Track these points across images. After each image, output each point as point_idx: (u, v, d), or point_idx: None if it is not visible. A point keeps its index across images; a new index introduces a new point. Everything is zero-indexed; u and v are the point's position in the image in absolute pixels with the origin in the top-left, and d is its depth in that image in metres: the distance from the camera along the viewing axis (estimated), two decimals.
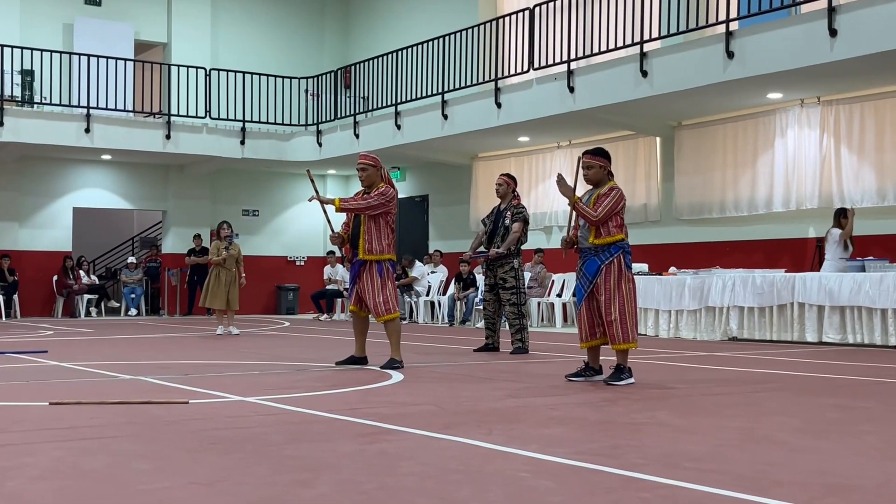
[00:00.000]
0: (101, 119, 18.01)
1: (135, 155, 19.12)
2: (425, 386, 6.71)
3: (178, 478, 3.55)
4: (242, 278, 13.29)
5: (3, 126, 17.00)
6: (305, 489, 3.34)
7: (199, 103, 19.09)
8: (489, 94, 15.54)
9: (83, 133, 17.77)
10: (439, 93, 16.48)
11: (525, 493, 3.28)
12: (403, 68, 17.58)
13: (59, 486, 3.38)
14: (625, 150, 15.94)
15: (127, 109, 18.60)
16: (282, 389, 6.38)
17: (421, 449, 4.15)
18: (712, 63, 12.21)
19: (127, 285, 20.15)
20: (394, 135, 17.53)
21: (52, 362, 8.40)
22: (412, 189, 20.78)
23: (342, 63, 20.99)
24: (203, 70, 19.32)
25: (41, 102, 18.05)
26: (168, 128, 18.61)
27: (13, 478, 3.48)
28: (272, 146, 19.85)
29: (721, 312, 12.00)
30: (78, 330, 14.37)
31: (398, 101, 17.50)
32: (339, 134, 19.19)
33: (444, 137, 16.63)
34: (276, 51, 21.66)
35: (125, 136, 18.28)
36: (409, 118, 17.27)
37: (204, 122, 19.17)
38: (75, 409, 5.36)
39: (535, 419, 5.12)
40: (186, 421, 4.94)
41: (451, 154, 18.32)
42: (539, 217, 17.34)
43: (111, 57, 18.30)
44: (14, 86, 17.87)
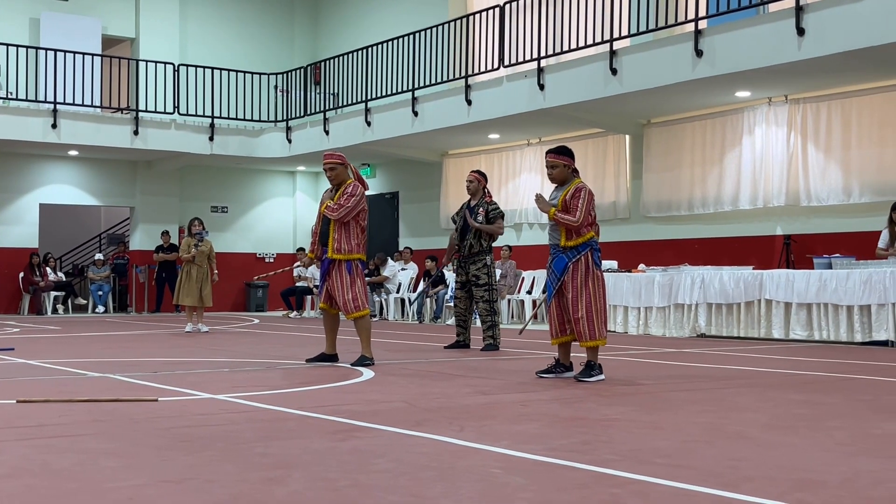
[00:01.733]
0: (68, 114, 17.84)
1: (102, 151, 18.95)
2: (396, 383, 6.70)
3: (148, 476, 3.52)
4: (215, 275, 13.22)
5: None
6: (277, 487, 3.33)
7: (168, 99, 18.96)
8: (460, 91, 15.54)
9: (50, 128, 17.59)
10: (409, 90, 16.46)
11: (497, 490, 3.29)
12: (373, 65, 17.54)
13: (27, 484, 3.35)
14: (594, 147, 16.00)
15: (94, 105, 18.43)
16: (252, 387, 6.36)
17: (393, 446, 4.15)
18: (681, 61, 12.28)
19: (94, 282, 19.98)
20: (364, 131, 17.50)
21: (19, 360, 8.32)
22: (382, 186, 20.76)
23: (312, 59, 20.92)
24: (171, 66, 19.19)
25: (7, 97, 17.84)
26: (136, 123, 18.46)
27: None
28: (241, 142, 19.75)
29: (690, 309, 12.07)
30: (45, 327, 14.24)
31: (368, 98, 17.46)
32: (309, 130, 19.13)
33: (414, 134, 16.61)
34: (245, 47, 21.54)
35: (92, 131, 18.11)
36: (379, 115, 17.23)
37: (172, 118, 19.04)
38: (43, 407, 5.31)
39: (507, 416, 5.13)
40: (156, 419, 4.91)
41: (421, 151, 18.31)
42: (509, 214, 17.35)
43: (78, 52, 18.13)
44: None
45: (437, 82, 16.19)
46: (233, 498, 3.15)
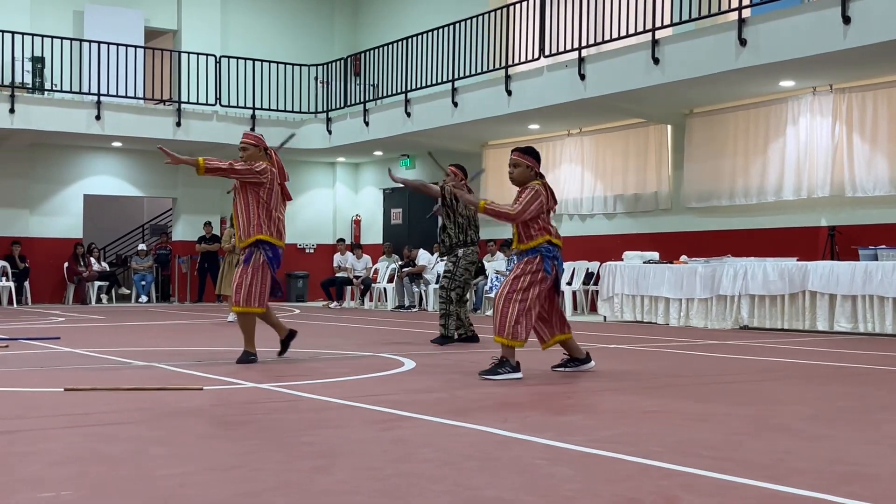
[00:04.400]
0: (112, 106, 18.02)
1: (145, 142, 19.11)
2: (438, 373, 6.72)
3: (196, 463, 3.56)
4: None
5: (14, 113, 17.01)
6: (323, 475, 3.35)
7: (209, 91, 19.09)
8: (499, 81, 15.50)
9: (94, 120, 17.79)
10: (449, 80, 16.45)
11: (542, 480, 3.28)
12: (413, 56, 17.55)
13: (78, 471, 3.39)
14: (635, 138, 15.91)
15: (137, 97, 18.60)
16: (295, 376, 6.40)
17: (436, 436, 4.16)
18: (724, 50, 12.16)
19: (137, 272, 20.19)
20: (403, 122, 17.51)
21: (65, 349, 8.43)
22: (422, 176, 20.72)
23: (352, 50, 20.96)
24: (213, 57, 19.32)
25: (52, 89, 18.06)
26: (178, 115, 18.61)
27: (33, 463, 3.50)
28: (282, 134, 19.81)
29: (732, 301, 11.98)
30: (89, 317, 14.42)
31: (408, 89, 17.47)
32: (349, 122, 19.18)
33: (453, 125, 16.59)
34: (285, 38, 21.63)
35: (135, 123, 18.29)
36: (418, 106, 17.24)
37: (214, 109, 19.17)
38: (90, 395, 5.38)
39: (550, 407, 5.12)
40: (201, 407, 4.95)
41: (460, 142, 18.29)
42: None
43: (121, 44, 18.30)
44: (25, 73, 17.88)
45: (477, 73, 16.16)
46: (280, 486, 3.18)
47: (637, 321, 13.20)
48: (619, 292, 13.48)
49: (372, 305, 18.58)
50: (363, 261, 19.35)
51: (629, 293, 13.36)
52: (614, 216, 16.34)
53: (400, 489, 3.14)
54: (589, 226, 16.79)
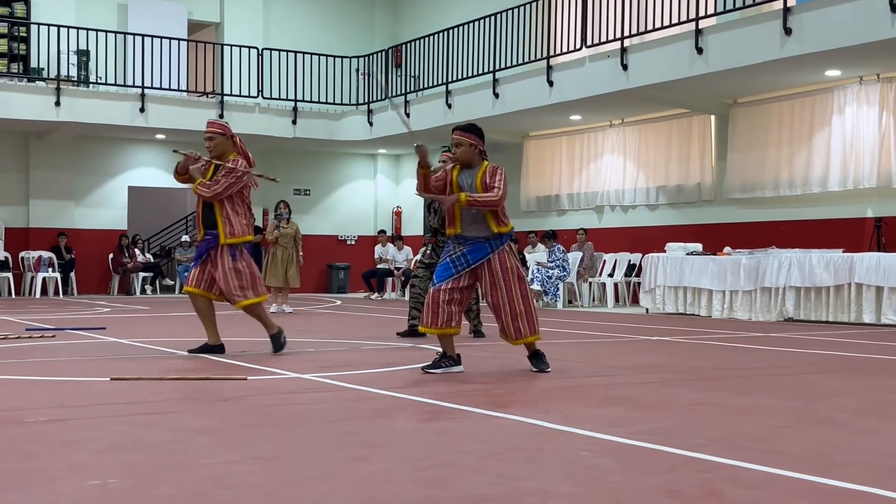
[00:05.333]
0: (156, 99, 18.19)
1: (188, 134, 19.25)
2: (479, 365, 6.71)
3: (240, 452, 3.59)
4: (300, 256, 13.43)
5: (60, 106, 17.23)
6: (365, 465, 3.36)
7: (252, 83, 19.21)
8: (541, 72, 15.44)
9: (138, 112, 17.96)
10: (491, 71, 16.42)
11: (585, 472, 3.27)
12: (454, 47, 17.53)
13: (124, 459, 3.44)
14: (678, 128, 15.78)
15: (181, 89, 18.76)
16: (337, 367, 6.43)
17: (479, 427, 4.16)
18: (769, 40, 12.02)
19: (181, 263, 20.37)
20: (444, 114, 17.50)
21: (111, 339, 8.53)
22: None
23: (393, 42, 20.98)
24: (255, 50, 19.43)
25: (97, 82, 18.26)
26: (221, 107, 18.75)
27: (80, 451, 3.55)
28: (323, 126, 19.93)
29: (777, 293, 11.86)
30: (134, 307, 14.58)
31: (449, 80, 17.45)
32: (390, 113, 19.19)
33: (494, 116, 16.55)
34: (327, 30, 21.70)
35: (179, 115, 18.45)
36: (459, 97, 17.22)
37: (256, 101, 19.28)
38: (135, 384, 5.44)
39: (591, 399, 5.10)
40: (245, 397, 4.99)
41: (501, 133, 18.23)
42: (590, 196, 17.25)
43: (165, 37, 18.46)
44: (70, 66, 18.09)
45: (519, 63, 16.11)
46: (323, 475, 3.20)
47: (679, 313, 13.11)
48: (662, 284, 13.40)
49: None
50: (404, 252, 19.38)
51: (672, 285, 13.28)
52: (656, 207, 16.23)
53: (443, 479, 3.15)
54: (631, 217, 16.69)
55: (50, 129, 18.18)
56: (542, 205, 18.26)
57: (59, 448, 3.65)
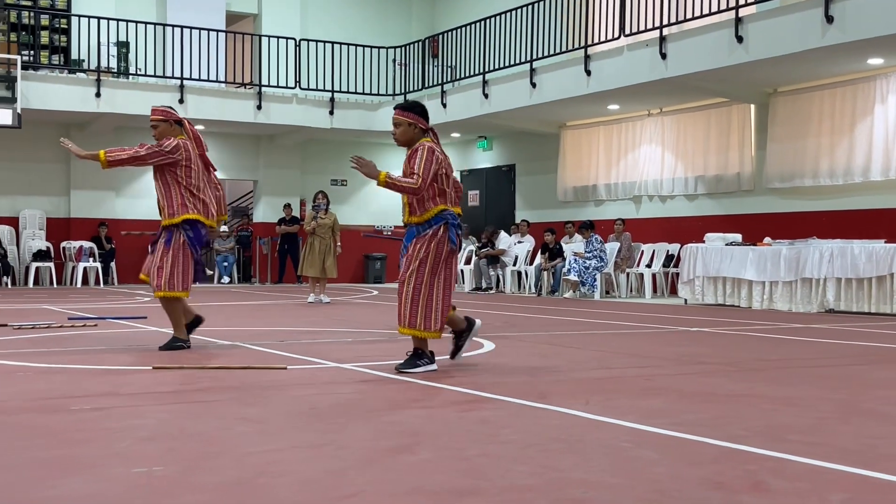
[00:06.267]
0: (194, 90, 18.32)
1: (227, 125, 19.41)
2: (517, 356, 6.71)
3: (283, 441, 3.61)
4: (338, 247, 13.48)
5: (100, 97, 17.39)
6: (408, 455, 3.37)
7: (289, 74, 19.28)
8: (579, 61, 15.36)
9: (177, 103, 18.06)
10: (528, 61, 16.36)
11: (628, 463, 3.26)
12: (491, 37, 17.48)
13: (168, 447, 3.47)
14: (717, 117, 15.65)
15: (219, 80, 18.87)
16: (376, 357, 6.45)
17: (519, 417, 4.16)
18: (810, 28, 11.88)
19: (219, 254, 20.53)
20: (481, 104, 17.48)
21: (152, 328, 8.62)
22: (499, 158, 20.72)
23: (430, 32, 20.97)
24: (293, 41, 19.49)
25: (136, 73, 18.42)
26: (259, 98, 18.84)
27: (123, 439, 3.59)
28: (360, 116, 19.97)
29: (818, 284, 11.74)
30: None
31: (486, 70, 17.42)
32: (427, 103, 19.16)
33: (531, 106, 16.51)
34: (364, 21, 21.72)
35: (217, 106, 18.57)
36: (496, 87, 17.18)
37: (294, 92, 19.35)
38: (177, 373, 5.49)
39: (632, 390, 5.08)
40: (285, 386, 5.02)
41: (538, 123, 18.20)
42: (628, 186, 17.15)
43: (203, 28, 18.57)
44: (110, 57, 18.26)
45: (556, 53, 16.04)
46: (366, 464, 3.21)
47: (718, 304, 13.01)
48: (701, 275, 13.31)
49: None
50: None
51: (711, 275, 13.18)
52: (695, 197, 16.11)
53: (485, 469, 3.15)
54: (669, 207, 16.59)
55: (90, 120, 18.36)
56: (579, 195, 18.19)
57: (104, 436, 3.70)
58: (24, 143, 18.56)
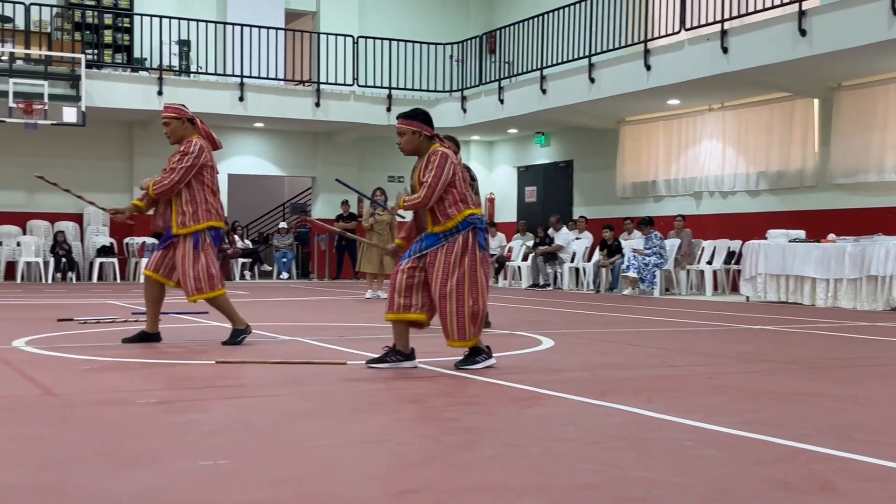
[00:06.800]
0: (254, 88, 18.49)
1: (286, 123, 19.58)
2: (577, 353, 6.68)
3: (345, 436, 3.63)
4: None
5: (162, 95, 17.62)
6: (469, 451, 3.37)
7: (347, 71, 19.38)
8: (638, 56, 15.23)
9: (237, 101, 18.29)
10: (586, 56, 16.26)
11: (691, 461, 3.23)
12: (549, 32, 17.40)
13: (232, 441, 3.51)
14: (780, 112, 15.41)
15: (278, 78, 19.03)
16: (435, 353, 6.44)
17: (581, 415, 4.13)
18: (876, 21, 11.64)
19: (279, 250, 20.72)
20: (539, 99, 17.41)
21: (214, 323, 8.71)
22: (557, 154, 20.63)
23: (487, 28, 20.93)
24: (351, 38, 19.59)
25: (197, 72, 18.64)
26: (317, 95, 18.96)
27: (189, 432, 3.64)
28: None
29: (883, 281, 11.50)
30: (234, 292, 14.82)
31: (543, 66, 17.35)
32: (484, 99, 19.18)
33: (590, 101, 16.40)
34: (421, 18, 21.76)
35: (276, 104, 18.73)
36: (554, 82, 17.10)
37: (351, 89, 19.45)
38: (240, 368, 5.55)
39: (695, 388, 5.03)
40: (346, 381, 5.05)
41: (596, 118, 18.08)
42: (688, 182, 16.97)
43: (263, 26, 18.74)
44: (172, 56, 18.51)
45: (615, 48, 15.92)
46: (427, 460, 3.21)
47: (781, 302, 12.82)
48: (763, 272, 13.12)
49: (506, 284, 18.60)
50: (497, 239, 19.36)
51: (773, 273, 12.99)
52: (757, 193, 15.89)
53: (547, 467, 3.14)
54: (730, 203, 16.38)
55: (153, 118, 18.61)
56: (638, 191, 18.04)
57: (169, 429, 3.75)
58: (88, 141, 18.89)
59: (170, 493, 2.74)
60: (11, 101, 15.91)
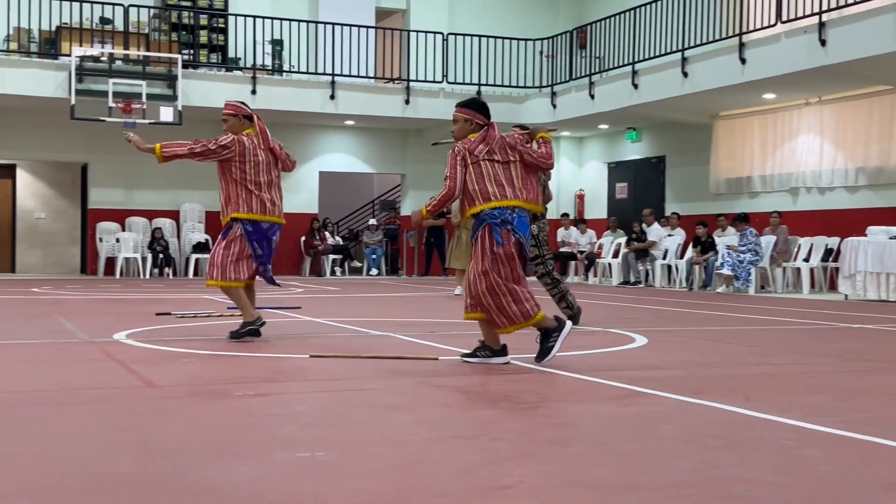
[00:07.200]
0: (345, 86, 18.67)
1: (376, 120, 19.73)
2: (671, 350, 6.58)
3: (437, 430, 3.64)
4: None
5: (255, 94, 17.91)
6: (563, 448, 3.35)
7: (437, 68, 19.44)
8: (733, 49, 14.94)
9: (328, 99, 18.48)
10: (679, 50, 16.02)
11: (793, 462, 3.15)
12: (641, 26, 17.19)
13: (328, 434, 3.54)
14: (880, 106, 14.96)
15: (368, 76, 19.18)
16: (525, 349, 6.41)
17: (677, 413, 4.07)
18: None
19: (368, 246, 20.89)
20: (630, 94, 17.21)
21: (306, 318, 8.83)
22: (648, 150, 20.37)
23: (577, 23, 20.78)
24: (440, 35, 19.64)
25: (289, 71, 18.90)
26: (407, 93, 19.06)
27: (286, 424, 3.68)
28: (507, 109, 19.93)
29: None
30: (325, 288, 15.04)
31: (635, 60, 17.15)
32: (574, 95, 19.04)
33: (683, 96, 16.16)
34: (511, 14, 21.70)
35: (366, 101, 18.88)
36: (646, 77, 16.89)
37: (441, 86, 19.50)
38: (332, 362, 5.61)
39: (793, 387, 4.91)
40: (438, 376, 5.06)
41: (689, 113, 17.80)
42: (784, 178, 16.60)
43: (354, 25, 18.91)
44: (265, 55, 18.80)
45: (709, 41, 15.65)
46: (521, 456, 3.20)
47: (881, 300, 12.46)
48: (862, 269, 12.76)
49: (596, 281, 18.44)
50: (587, 235, 19.22)
51: (873, 270, 12.63)
52: (856, 189, 15.46)
53: (644, 464, 3.09)
54: (828, 199, 15.98)
55: None
56: (732, 187, 17.71)
57: (267, 421, 3.80)
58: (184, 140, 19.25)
59: (270, 484, 2.78)
60: (111, 101, 16.36)
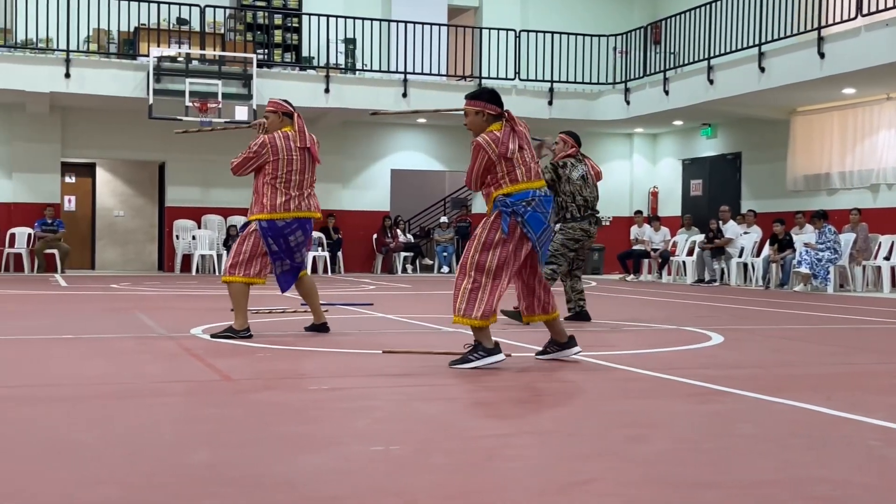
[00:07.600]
0: (417, 84, 18.71)
1: (447, 118, 19.72)
2: (748, 348, 6.47)
3: (512, 426, 3.62)
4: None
5: (329, 93, 18.06)
6: (641, 445, 3.30)
7: (509, 65, 19.39)
8: (811, 43, 14.64)
9: (401, 98, 18.54)
10: (756, 44, 15.75)
11: (878, 462, 3.06)
12: (717, 20, 16.94)
13: (402, 428, 3.54)
14: None
15: (440, 74, 19.20)
16: (599, 347, 6.37)
17: (756, 411, 3.99)
18: None
19: (439, 244, 20.93)
20: (706, 90, 16.96)
21: (378, 314, 8.87)
22: (724, 146, 20.07)
23: (651, 19, 20.54)
24: (513, 32, 19.58)
25: (362, 69, 19.01)
26: None
27: (361, 418, 3.70)
28: (580, 106, 19.82)
29: None
30: (396, 285, 15.10)
31: (711, 55, 16.90)
32: (648, 91, 18.84)
33: (759, 91, 15.87)
34: (584, 10, 21.55)
35: (438, 99, 18.85)
36: (722, 72, 16.63)
37: (513, 83, 19.44)
38: (405, 357, 5.62)
39: (877, 387, 4.79)
40: (510, 373, 5.03)
41: (766, 109, 17.49)
42: (864, 175, 16.22)
43: (426, 23, 18.95)
44: (338, 54, 18.94)
45: (787, 35, 15.36)
46: (598, 453, 3.16)
47: None
48: None
49: (670, 279, 18.23)
50: (661, 233, 19.01)
51: None
52: None
53: (723, 462, 3.04)
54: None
55: (320, 116, 19.10)
56: (810, 183, 17.36)
57: (341, 415, 3.82)
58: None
59: (346, 476, 2.79)
60: (188, 101, 16.62)
